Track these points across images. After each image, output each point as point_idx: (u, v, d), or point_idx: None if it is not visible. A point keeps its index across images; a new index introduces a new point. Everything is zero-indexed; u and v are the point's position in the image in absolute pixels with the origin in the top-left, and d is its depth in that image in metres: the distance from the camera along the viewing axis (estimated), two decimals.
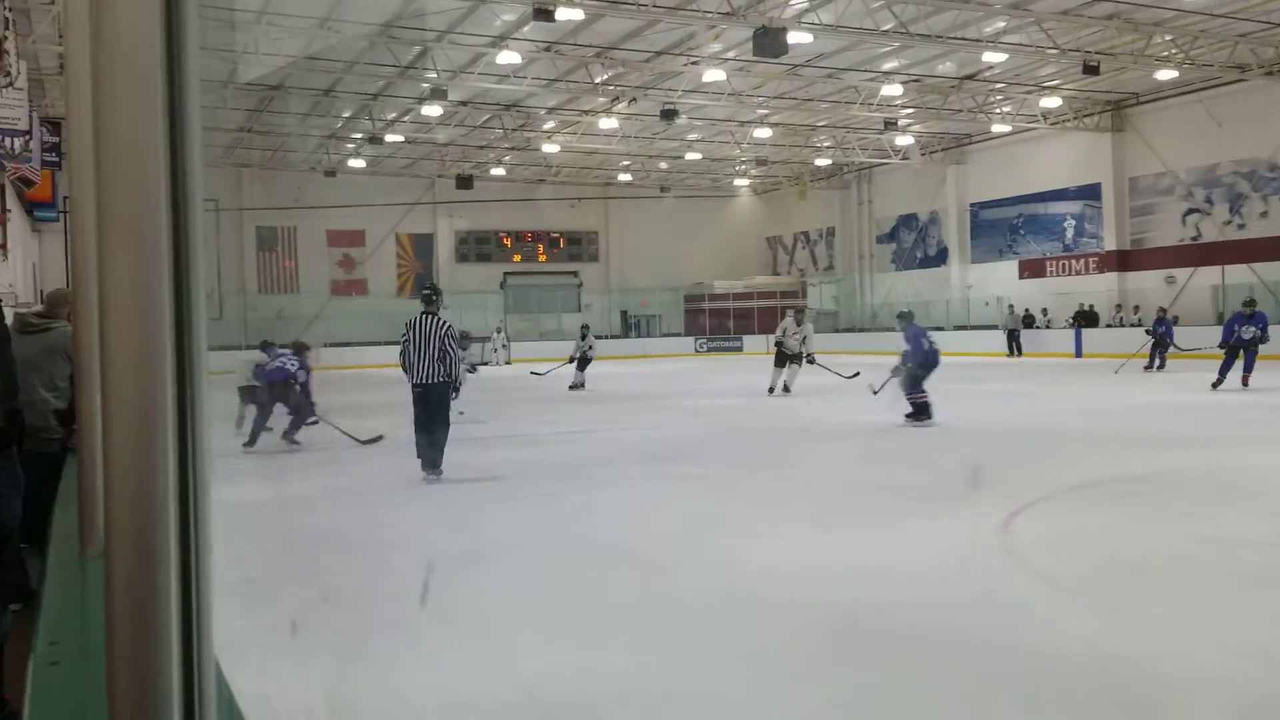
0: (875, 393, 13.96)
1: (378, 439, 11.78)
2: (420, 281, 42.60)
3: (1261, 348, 16.52)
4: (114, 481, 0.77)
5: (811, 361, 17.68)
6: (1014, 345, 30.88)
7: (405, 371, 9.04)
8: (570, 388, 20.94)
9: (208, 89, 25.43)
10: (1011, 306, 32.48)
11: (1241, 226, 28.37)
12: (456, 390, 9.58)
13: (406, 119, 31.33)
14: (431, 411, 8.87)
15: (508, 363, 36.14)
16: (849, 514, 7.15)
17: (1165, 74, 26.23)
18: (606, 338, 42.69)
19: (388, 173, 39.90)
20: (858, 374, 17.09)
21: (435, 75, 24.94)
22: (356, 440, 11.91)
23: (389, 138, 32.96)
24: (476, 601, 5.09)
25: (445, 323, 9.01)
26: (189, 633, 0.77)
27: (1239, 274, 27.83)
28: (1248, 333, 16.22)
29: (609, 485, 8.69)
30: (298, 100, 28.73)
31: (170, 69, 0.75)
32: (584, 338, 22.16)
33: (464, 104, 29.52)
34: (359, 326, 38.80)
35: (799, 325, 17.84)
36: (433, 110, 28.79)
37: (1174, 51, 24.67)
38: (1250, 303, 17.29)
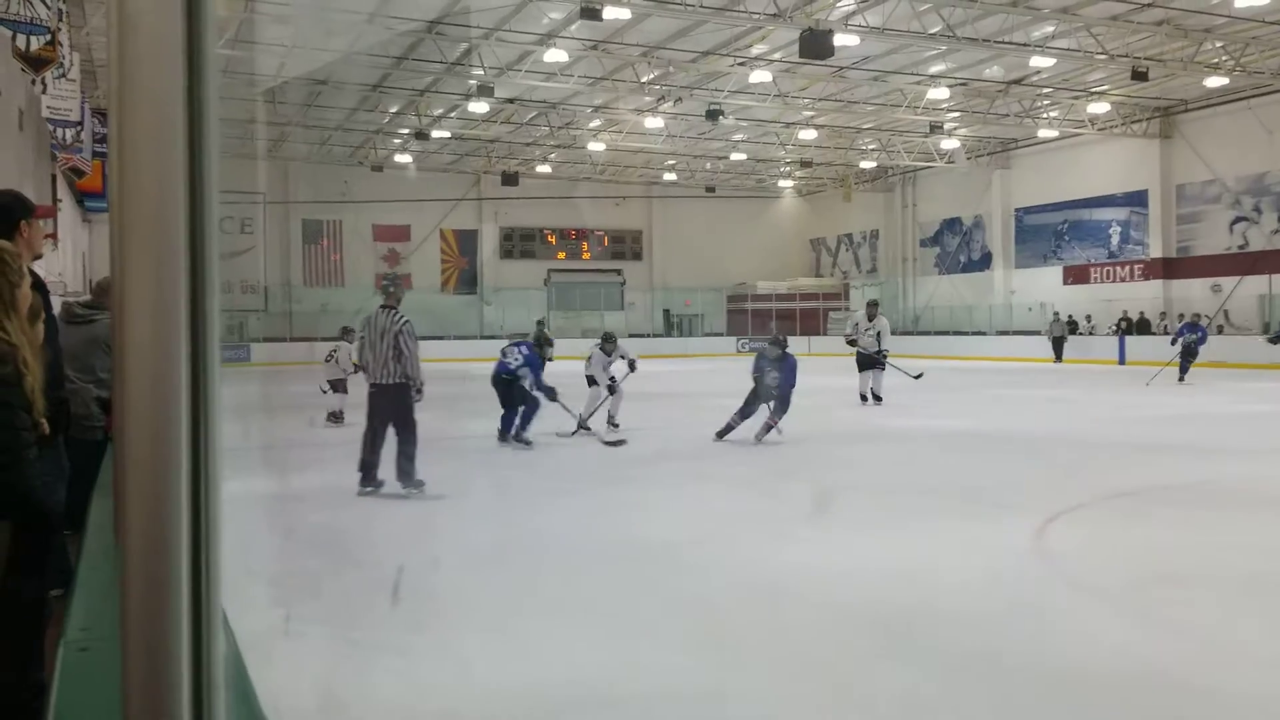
0: (916, 377, 14.02)
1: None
2: (464, 276, 43.07)
3: None
4: (127, 472, 0.78)
5: (883, 366, 15.84)
6: (1058, 351, 30.66)
7: (362, 371, 8.45)
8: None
9: (253, 83, 25.88)
10: (1057, 313, 32.25)
11: None
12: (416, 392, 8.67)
13: (453, 115, 31.62)
14: (385, 416, 7.99)
15: (550, 359, 36.32)
16: (882, 518, 7.21)
17: (1215, 81, 25.94)
18: (648, 336, 42.93)
19: (433, 168, 40.25)
20: (922, 374, 16.42)
21: (482, 72, 25.19)
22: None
23: (435, 134, 33.27)
24: (508, 599, 5.17)
25: (402, 318, 8.18)
26: (199, 621, 0.78)
27: None
28: None
29: (644, 484, 8.75)
30: (346, 95, 29.12)
31: (191, 59, 0.76)
32: (607, 353, 13.78)
33: (510, 101, 29.75)
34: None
35: (871, 320, 16.13)
36: (479, 107, 29.05)
37: (1224, 58, 24.41)
38: None
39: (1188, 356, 20.55)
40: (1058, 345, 30.78)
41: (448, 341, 39.18)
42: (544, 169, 39.66)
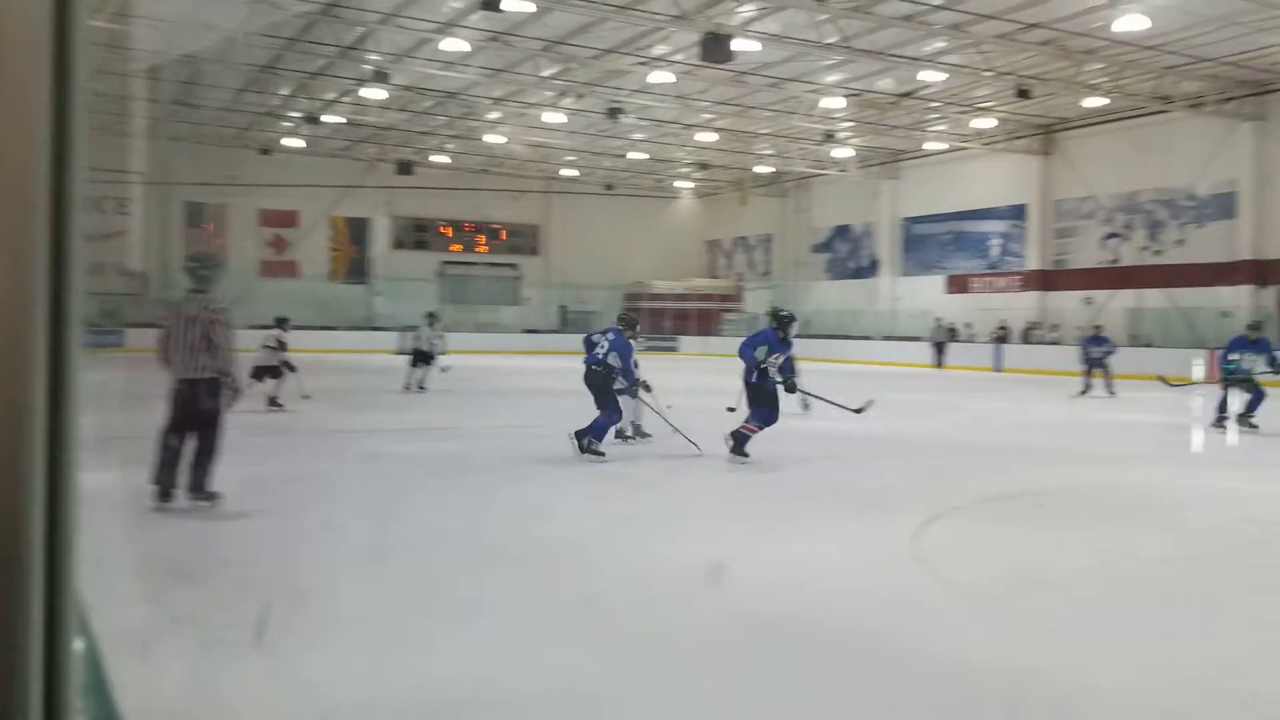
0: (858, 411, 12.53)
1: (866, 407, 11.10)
2: (353, 266, 42.27)
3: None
4: None
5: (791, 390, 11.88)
6: (939, 357, 31.57)
7: (163, 365, 7.08)
8: (406, 388, 17.95)
9: (134, 59, 24.97)
10: (939, 319, 33.20)
11: (1158, 252, 29.35)
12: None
13: (346, 100, 31.00)
14: (191, 416, 6.94)
15: (444, 353, 35.89)
16: (772, 518, 7.33)
17: (1093, 101, 27.06)
18: (544, 332, 42.80)
19: (325, 154, 39.41)
20: (865, 408, 12.10)
21: (378, 58, 24.79)
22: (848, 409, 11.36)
23: (327, 118, 32.60)
24: (394, 598, 5.10)
25: (217, 304, 7.11)
26: (53, 618, 0.75)
27: (1154, 298, 28.83)
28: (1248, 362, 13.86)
29: (544, 482, 8.71)
30: (234, 75, 28.30)
31: (59, 30, 0.73)
32: (431, 325, 18.46)
33: (407, 89, 29.31)
34: (288, 309, 38.13)
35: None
36: (374, 93, 28.57)
37: (1103, 80, 25.46)
38: (1255, 325, 14.59)
39: (1097, 367, 20.11)
40: (939, 351, 31.70)
41: (336, 332, 38.45)
42: (440, 159, 39.19)
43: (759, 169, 39.77)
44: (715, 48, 20.01)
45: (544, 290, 44.93)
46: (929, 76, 25.35)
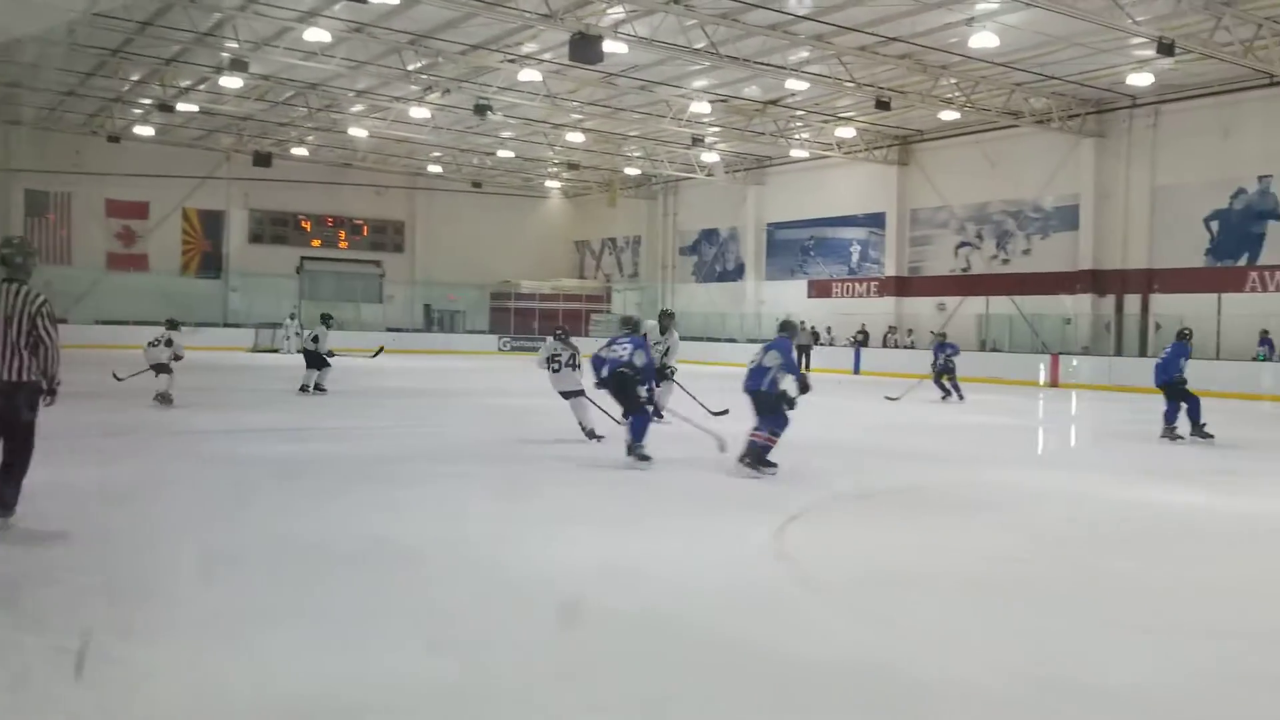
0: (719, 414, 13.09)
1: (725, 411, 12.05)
2: (207, 260, 40.81)
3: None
4: None
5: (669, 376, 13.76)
6: (804, 360, 32.23)
7: None
8: (303, 389, 17.55)
9: None
10: (803, 323, 33.92)
11: (1006, 261, 30.69)
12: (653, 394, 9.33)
13: (202, 88, 29.90)
14: (4, 425, 6.13)
15: (300, 351, 34.94)
16: (633, 519, 7.36)
17: (948, 115, 28.09)
18: (408, 331, 42.08)
19: (178, 143, 37.94)
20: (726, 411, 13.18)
21: (236, 45, 23.98)
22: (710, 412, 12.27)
23: (181, 106, 31.33)
24: (240, 603, 4.97)
25: (39, 296, 6.20)
26: None
27: (1002, 305, 30.13)
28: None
29: (396, 484, 8.55)
30: (81, 58, 27.01)
31: None
32: (328, 326, 18.19)
33: (266, 78, 28.45)
34: (137, 304, 36.72)
35: (663, 334, 13.96)
36: (232, 82, 27.63)
37: (957, 94, 26.47)
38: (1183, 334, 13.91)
39: (946, 373, 20.34)
40: (803, 354, 32.35)
41: (188, 329, 37.02)
42: (300, 152, 38.15)
43: (628, 170, 39.99)
44: (584, 48, 20.02)
45: (408, 288, 44.20)
46: (794, 85, 25.91)
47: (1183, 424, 13.21)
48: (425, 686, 3.86)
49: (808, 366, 31.93)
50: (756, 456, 9.38)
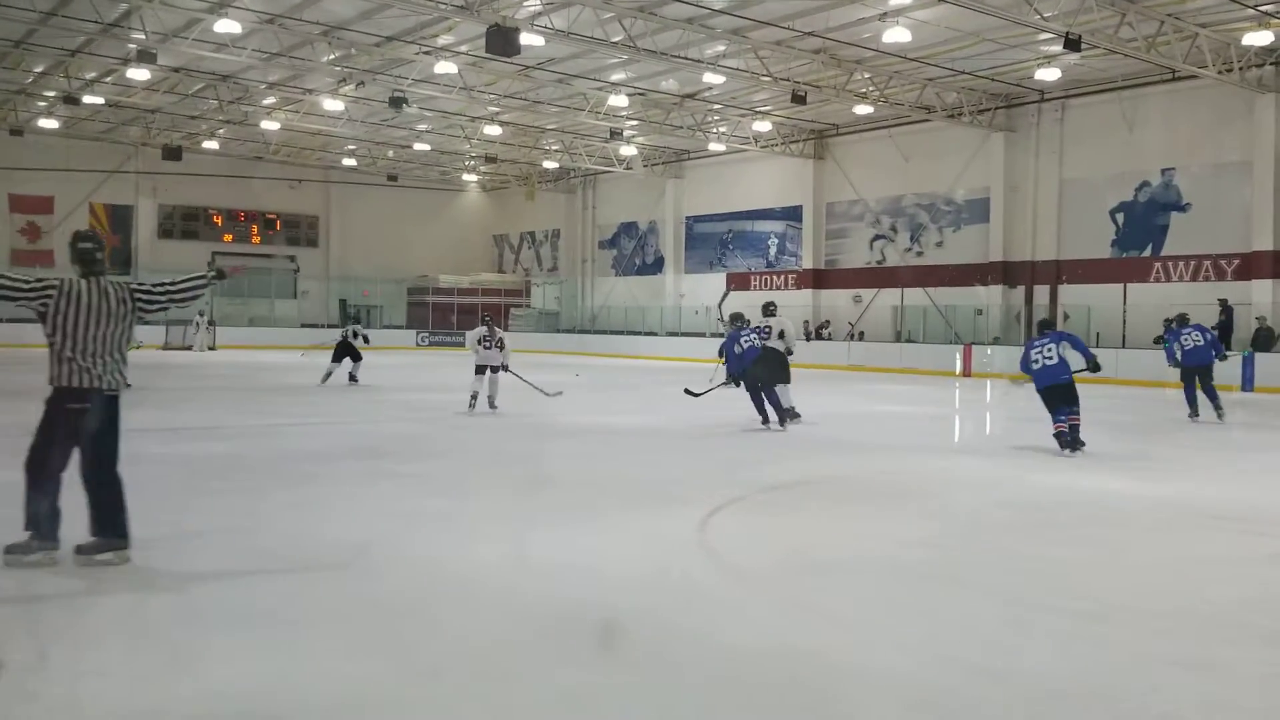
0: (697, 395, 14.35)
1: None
2: (115, 256, 39.68)
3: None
4: None
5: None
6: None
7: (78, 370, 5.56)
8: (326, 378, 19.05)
9: None
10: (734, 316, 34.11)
11: (920, 254, 31.29)
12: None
13: (108, 81, 29.07)
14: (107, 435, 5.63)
15: (212, 348, 34.25)
16: (560, 512, 7.37)
17: (862, 109, 28.53)
18: (323, 327, 41.35)
19: (84, 136, 36.87)
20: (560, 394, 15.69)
21: (144, 37, 23.35)
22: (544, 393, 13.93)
23: (87, 99, 30.45)
24: (162, 604, 4.88)
25: (135, 286, 5.92)
26: None
27: (916, 297, 30.72)
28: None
29: (318, 482, 8.45)
30: None
31: None
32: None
33: (175, 70, 27.76)
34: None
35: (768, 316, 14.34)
36: (139, 74, 26.91)
37: (871, 89, 26.89)
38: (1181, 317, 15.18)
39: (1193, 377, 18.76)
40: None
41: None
42: (211, 145, 37.29)
43: (546, 164, 39.86)
44: (501, 40, 19.90)
45: (323, 283, 43.51)
46: (711, 79, 26.07)
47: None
48: (368, 690, 3.82)
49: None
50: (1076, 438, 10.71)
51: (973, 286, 29.37)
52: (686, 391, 14.79)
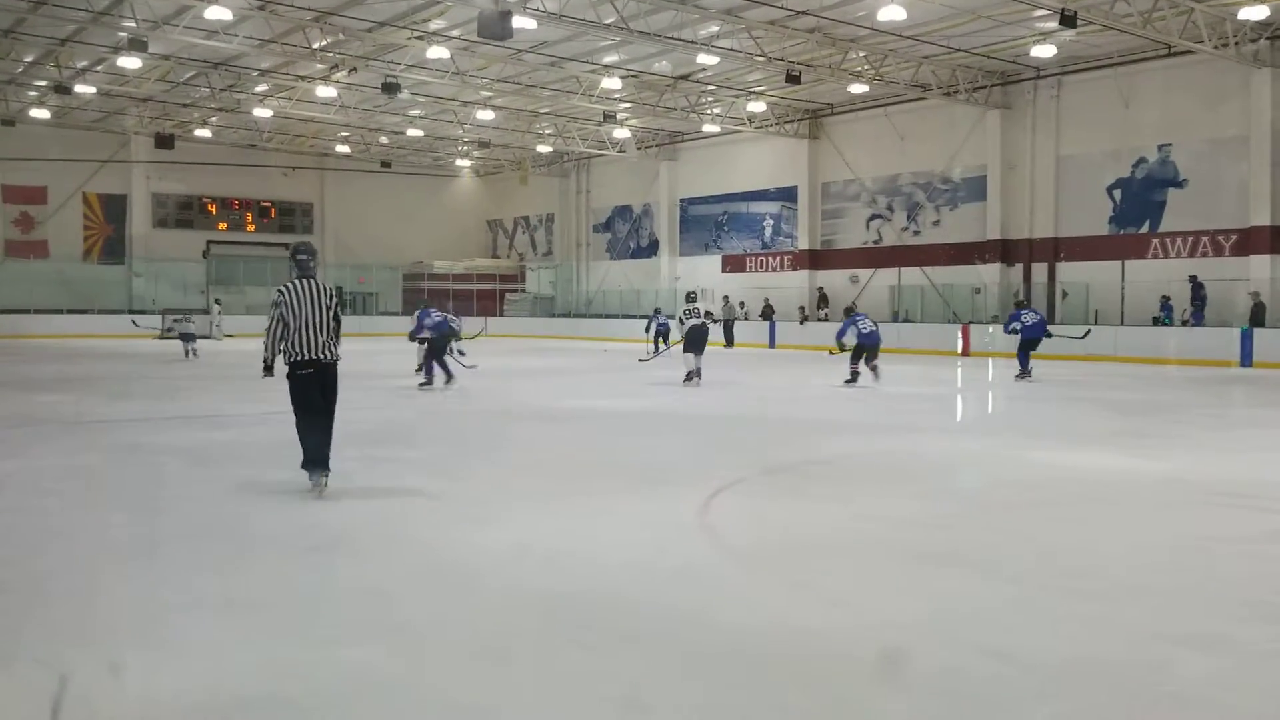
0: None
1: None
2: (109, 245, 39.59)
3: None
4: None
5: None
6: (729, 335, 32.43)
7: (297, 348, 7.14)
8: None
9: None
10: (727, 298, 34.11)
11: (917, 233, 31.20)
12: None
13: (100, 69, 28.89)
14: (329, 396, 7.33)
15: (230, 335, 34.04)
16: (560, 497, 7.34)
17: (857, 88, 28.39)
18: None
19: (76, 126, 36.70)
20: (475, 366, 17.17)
21: (134, 24, 23.18)
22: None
23: (79, 88, 30.26)
24: (157, 593, 4.85)
25: (337, 287, 7.96)
26: None
27: (913, 276, 30.66)
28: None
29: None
30: None
31: None
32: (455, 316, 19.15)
33: (166, 58, 27.58)
34: (38, 292, 35.59)
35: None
36: (131, 62, 26.72)
37: (866, 68, 26.75)
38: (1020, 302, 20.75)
39: (1026, 349, 19.03)
40: (728, 329, 32.48)
41: (91, 316, 35.95)
42: (204, 133, 37.09)
43: (540, 148, 39.70)
44: (494, 24, 19.76)
45: (319, 270, 43.31)
46: (704, 60, 25.93)
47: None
48: (373, 674, 3.80)
49: (732, 342, 32.23)
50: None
51: (971, 265, 29.29)
52: (640, 361, 19.14)
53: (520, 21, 20.79)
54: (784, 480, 8.33)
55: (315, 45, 25.45)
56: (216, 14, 22.21)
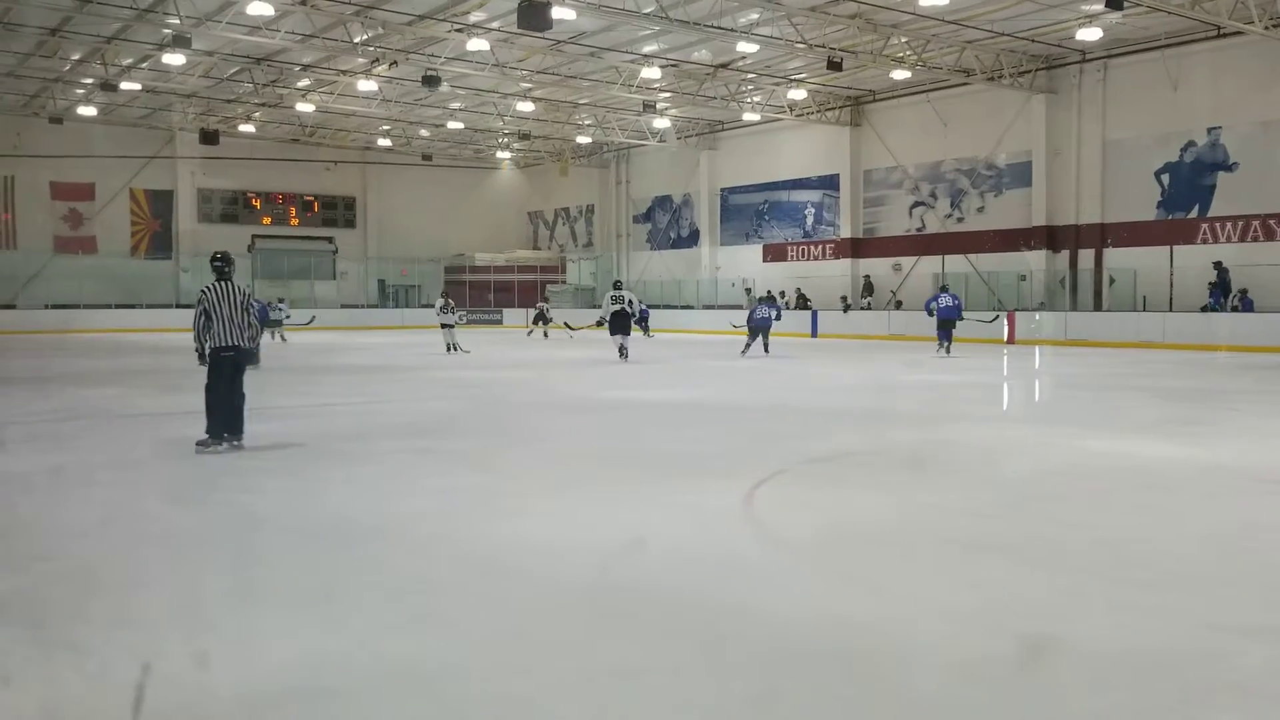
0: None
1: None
2: (157, 240, 40.16)
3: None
4: None
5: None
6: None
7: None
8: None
9: None
10: (769, 291, 33.95)
11: (961, 220, 30.87)
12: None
13: (145, 66, 29.28)
14: (240, 374, 9.08)
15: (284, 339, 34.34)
16: (603, 487, 7.32)
17: (900, 74, 28.10)
18: (362, 307, 41.70)
19: (122, 123, 37.22)
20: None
21: (178, 21, 23.45)
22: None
23: (124, 85, 30.68)
24: (214, 585, 4.87)
25: (246, 288, 9.26)
26: None
27: (957, 263, 30.33)
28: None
29: (362, 460, 8.45)
30: (19, 39, 26.34)
31: None
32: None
33: (210, 54, 27.90)
34: (87, 287, 36.17)
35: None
36: (175, 59, 27.03)
37: (908, 53, 26.47)
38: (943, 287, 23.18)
39: (944, 328, 21.84)
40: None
41: (139, 310, 36.50)
42: (248, 128, 37.49)
43: (579, 139, 39.72)
44: (533, 15, 19.78)
45: (361, 264, 43.76)
46: (744, 48, 25.78)
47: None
48: (419, 664, 3.80)
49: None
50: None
51: (1016, 252, 28.92)
52: (565, 325, 23.89)
53: (559, 12, 20.79)
54: (828, 470, 8.25)
55: (356, 39, 25.61)
56: (259, 9, 22.41)
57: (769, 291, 29.12)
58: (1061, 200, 28.18)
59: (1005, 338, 26.65)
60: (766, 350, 21.49)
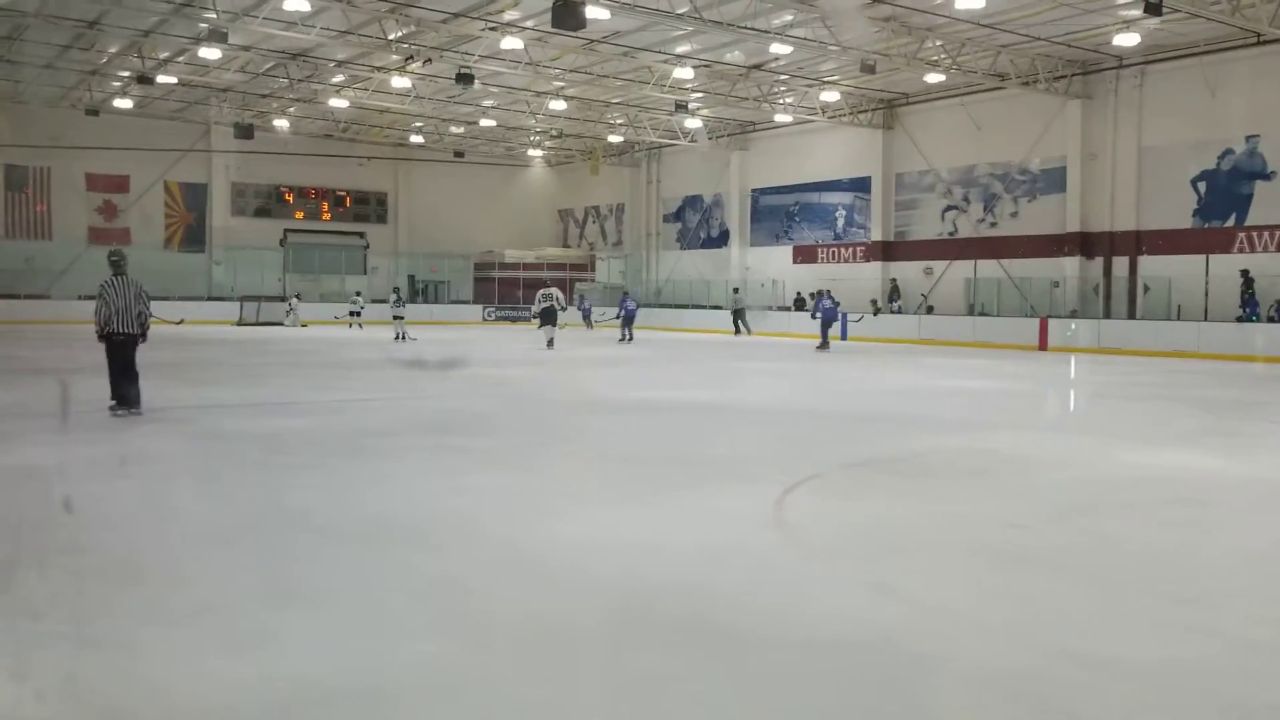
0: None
1: None
2: (190, 233, 40.51)
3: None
4: None
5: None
6: (739, 324, 33.38)
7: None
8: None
9: None
10: (820, 292, 33.83)
11: (994, 224, 30.63)
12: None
13: (181, 60, 29.52)
14: (132, 357, 10.65)
15: (304, 325, 34.66)
16: (632, 490, 7.30)
17: (933, 77, 27.93)
18: (392, 302, 41.78)
19: (158, 116, 37.54)
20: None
21: (215, 16, 23.62)
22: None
23: (160, 79, 30.95)
24: (240, 585, 4.89)
25: (139, 281, 10.67)
26: None
27: (989, 268, 30.11)
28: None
29: (391, 457, 8.47)
30: (57, 31, 26.60)
31: None
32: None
33: (246, 49, 28.09)
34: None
35: None
36: (211, 53, 27.27)
37: (942, 57, 26.30)
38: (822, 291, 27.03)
39: (825, 326, 25.33)
40: (738, 317, 33.73)
41: (172, 302, 36.76)
42: (282, 123, 37.74)
43: (611, 138, 39.72)
44: (567, 14, 19.78)
45: (392, 259, 43.93)
46: (777, 49, 25.69)
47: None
48: (443, 669, 3.80)
49: (748, 330, 33.17)
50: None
51: (1049, 258, 28.65)
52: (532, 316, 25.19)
53: (593, 12, 20.79)
54: (860, 476, 8.19)
55: (391, 36, 25.70)
56: (295, 5, 22.57)
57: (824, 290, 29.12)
58: (1096, 206, 27.90)
59: (1038, 344, 26.43)
60: (827, 345, 24.26)
